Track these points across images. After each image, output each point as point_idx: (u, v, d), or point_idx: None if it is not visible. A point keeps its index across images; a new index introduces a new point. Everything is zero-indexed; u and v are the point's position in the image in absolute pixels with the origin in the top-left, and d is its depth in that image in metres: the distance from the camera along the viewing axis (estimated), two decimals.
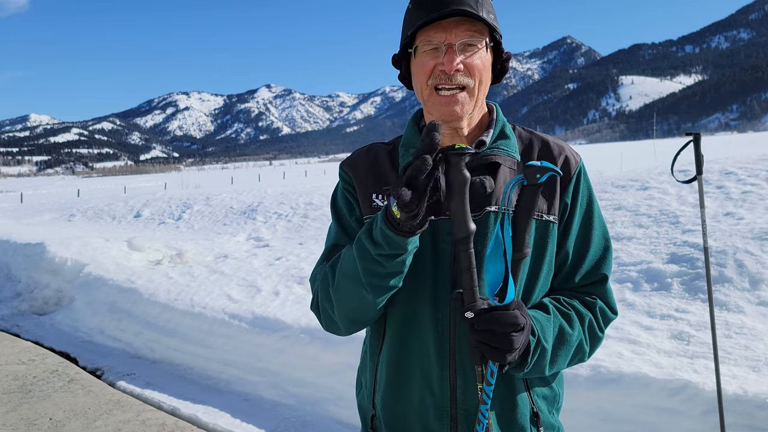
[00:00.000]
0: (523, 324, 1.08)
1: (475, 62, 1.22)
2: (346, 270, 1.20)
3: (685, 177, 7.87)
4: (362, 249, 1.14)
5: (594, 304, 1.30)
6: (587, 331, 1.27)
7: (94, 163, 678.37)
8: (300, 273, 6.37)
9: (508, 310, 1.07)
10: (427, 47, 1.22)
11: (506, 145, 1.31)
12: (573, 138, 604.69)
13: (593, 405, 3.27)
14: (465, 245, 1.08)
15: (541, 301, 1.26)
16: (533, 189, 1.04)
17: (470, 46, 1.21)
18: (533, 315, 1.18)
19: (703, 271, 4.62)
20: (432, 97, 1.24)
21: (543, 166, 1.01)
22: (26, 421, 4.14)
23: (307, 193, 12.23)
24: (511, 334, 1.07)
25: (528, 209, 1.05)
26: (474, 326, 1.08)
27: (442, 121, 1.26)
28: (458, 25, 1.20)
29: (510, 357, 1.08)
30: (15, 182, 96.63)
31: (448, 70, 1.19)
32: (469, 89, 1.23)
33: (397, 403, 1.29)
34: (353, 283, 1.19)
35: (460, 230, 1.06)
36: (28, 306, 7.50)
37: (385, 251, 1.11)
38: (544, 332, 1.18)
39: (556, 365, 1.23)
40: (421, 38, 1.23)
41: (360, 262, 1.15)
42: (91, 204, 16.18)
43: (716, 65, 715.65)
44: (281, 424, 4.03)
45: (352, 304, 1.22)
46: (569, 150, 1.35)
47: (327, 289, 1.26)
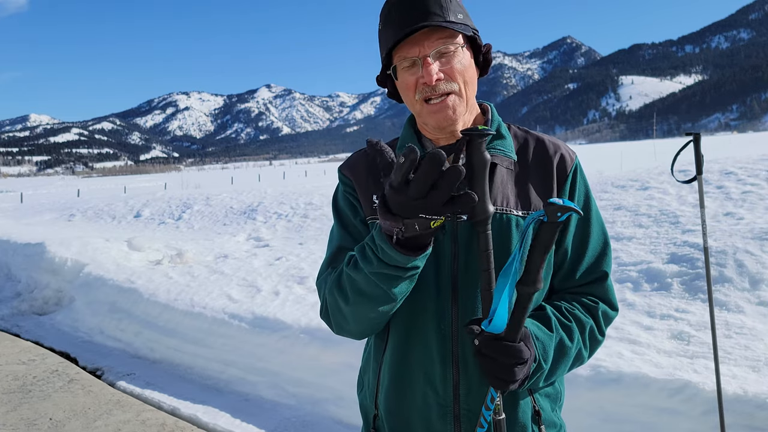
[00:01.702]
0: (527, 357, 1.08)
1: (455, 66, 1.22)
2: (362, 290, 1.17)
3: (685, 177, 7.87)
4: (391, 278, 1.11)
5: (596, 308, 1.29)
6: (588, 339, 1.27)
7: (94, 163, 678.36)
8: (300, 273, 6.37)
9: (515, 341, 1.07)
10: (405, 64, 1.24)
11: (502, 145, 1.31)
12: (573, 138, 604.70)
13: (593, 405, 3.27)
14: (483, 227, 1.09)
15: (545, 312, 1.25)
16: (552, 227, 1.02)
17: (445, 53, 1.22)
18: (535, 333, 1.17)
19: (703, 271, 4.62)
20: (423, 108, 1.25)
21: (565, 206, 0.99)
22: (26, 421, 4.14)
23: (307, 193, 12.23)
24: (514, 368, 1.07)
25: (545, 246, 1.03)
26: (480, 350, 1.08)
27: (438, 128, 1.27)
28: (428, 35, 1.21)
29: (511, 387, 1.09)
30: (15, 182, 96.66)
31: (428, 82, 1.21)
32: (456, 92, 1.24)
33: (399, 403, 1.29)
34: (374, 302, 1.17)
35: (481, 212, 1.08)
36: (28, 306, 7.50)
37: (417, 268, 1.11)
38: (545, 352, 1.18)
39: (553, 377, 1.24)
40: (397, 56, 1.24)
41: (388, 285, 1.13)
42: (91, 204, 16.18)
43: (716, 65, 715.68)
44: (281, 424, 4.03)
45: (370, 316, 1.22)
46: (564, 148, 1.35)
47: (339, 304, 1.23)
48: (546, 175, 1.31)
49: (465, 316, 1.23)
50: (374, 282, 1.13)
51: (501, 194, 1.27)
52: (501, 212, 1.25)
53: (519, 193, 1.28)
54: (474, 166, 1.07)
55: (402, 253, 1.05)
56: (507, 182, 1.28)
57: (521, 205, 1.27)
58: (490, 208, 1.09)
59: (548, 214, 1.01)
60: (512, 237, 1.24)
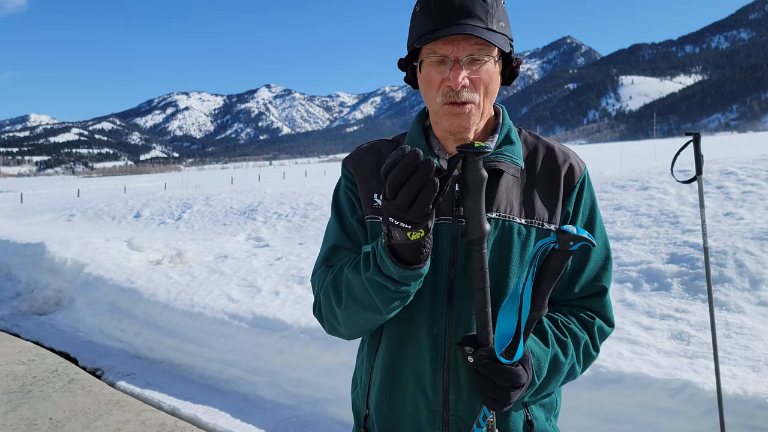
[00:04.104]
0: (525, 382, 1.08)
1: (482, 77, 1.19)
2: (355, 295, 1.17)
3: (685, 177, 7.87)
4: (379, 286, 1.11)
5: (592, 324, 1.27)
6: (582, 355, 1.26)
7: (94, 163, 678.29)
8: (300, 273, 6.37)
9: (514, 365, 1.07)
10: (433, 59, 1.19)
11: (511, 151, 1.28)
12: (573, 138, 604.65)
13: (593, 405, 3.27)
14: (479, 245, 1.06)
15: (541, 326, 1.23)
16: (563, 255, 1.01)
17: (477, 60, 1.18)
18: (531, 349, 1.16)
19: (703, 271, 4.62)
20: (442, 108, 1.22)
21: (578, 235, 0.98)
22: (26, 421, 4.14)
23: (307, 193, 12.24)
24: (510, 391, 1.07)
25: (554, 273, 1.02)
26: (477, 370, 1.08)
27: (449, 132, 1.25)
28: (467, 38, 1.16)
29: (506, 408, 1.08)
30: (15, 182, 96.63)
31: (454, 86, 1.16)
32: (476, 103, 1.21)
33: (390, 404, 1.28)
34: (366, 310, 1.17)
35: (476, 230, 1.05)
36: (28, 306, 7.50)
37: (408, 285, 1.10)
38: (539, 367, 1.17)
39: (543, 392, 1.23)
40: (428, 49, 1.19)
41: (376, 294, 1.12)
42: (91, 204, 16.18)
43: (716, 65, 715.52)
44: (281, 424, 4.03)
45: (360, 323, 1.22)
46: (574, 158, 1.32)
47: (332, 307, 1.23)
48: (553, 184, 1.28)
49: (459, 321, 1.22)
50: (367, 289, 1.13)
51: (505, 201, 1.24)
52: (503, 219, 1.23)
53: (524, 201, 1.26)
54: (468, 183, 1.03)
55: (394, 262, 1.05)
56: (512, 189, 1.26)
57: (525, 214, 1.25)
58: (485, 227, 1.05)
59: (560, 242, 1.00)
60: (513, 245, 1.23)
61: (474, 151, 1.02)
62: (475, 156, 1.02)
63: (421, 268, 1.07)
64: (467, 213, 1.05)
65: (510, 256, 1.22)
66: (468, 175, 1.03)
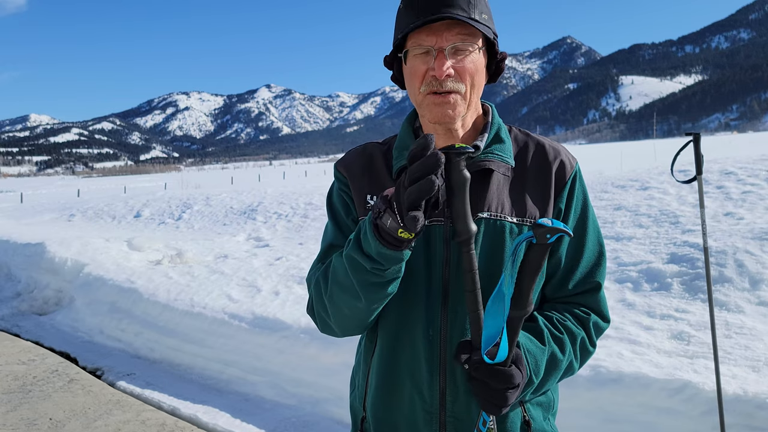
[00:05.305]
0: (519, 382, 1.08)
1: (467, 66, 1.19)
2: (338, 279, 1.17)
3: (685, 177, 7.87)
4: (355, 264, 1.10)
5: (587, 320, 1.27)
6: (579, 351, 1.25)
7: (94, 163, 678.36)
8: (300, 273, 6.37)
9: (506, 366, 1.06)
10: (417, 51, 1.19)
11: (501, 149, 1.28)
12: (573, 138, 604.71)
13: (593, 405, 3.27)
14: (467, 246, 1.06)
15: (537, 324, 1.23)
16: (541, 249, 1.01)
17: (461, 50, 1.18)
18: (527, 347, 1.16)
19: (703, 271, 4.62)
20: (425, 99, 1.22)
21: (554, 227, 0.98)
22: (26, 421, 4.14)
23: (307, 193, 12.24)
24: (506, 392, 1.06)
25: (534, 269, 1.02)
26: (471, 374, 1.07)
27: (435, 123, 1.24)
28: (449, 28, 1.17)
29: (504, 411, 1.08)
30: (15, 182, 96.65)
31: (438, 76, 1.17)
32: (461, 93, 1.21)
33: (387, 406, 1.28)
34: (346, 294, 1.16)
35: (463, 231, 1.05)
36: (28, 306, 7.50)
37: (383, 267, 1.08)
38: (537, 366, 1.16)
39: (543, 389, 1.23)
40: (412, 41, 1.20)
41: (354, 274, 1.12)
42: (90, 204, 16.18)
43: (716, 65, 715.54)
44: (281, 424, 4.03)
45: (345, 313, 1.20)
46: (565, 153, 1.32)
47: (321, 296, 1.23)
48: (544, 181, 1.27)
49: (455, 322, 1.22)
50: (346, 270, 1.13)
51: (496, 200, 1.24)
52: (495, 218, 1.22)
53: (515, 199, 1.25)
54: (453, 185, 1.03)
55: (376, 237, 1.03)
56: (503, 188, 1.25)
57: (516, 212, 1.24)
58: (472, 227, 1.05)
59: (537, 236, 1.00)
60: (505, 244, 1.22)
61: (455, 151, 1.02)
62: (456, 157, 1.03)
63: (400, 250, 1.04)
64: (454, 215, 1.05)
65: (502, 255, 1.21)
66: (452, 176, 1.04)
